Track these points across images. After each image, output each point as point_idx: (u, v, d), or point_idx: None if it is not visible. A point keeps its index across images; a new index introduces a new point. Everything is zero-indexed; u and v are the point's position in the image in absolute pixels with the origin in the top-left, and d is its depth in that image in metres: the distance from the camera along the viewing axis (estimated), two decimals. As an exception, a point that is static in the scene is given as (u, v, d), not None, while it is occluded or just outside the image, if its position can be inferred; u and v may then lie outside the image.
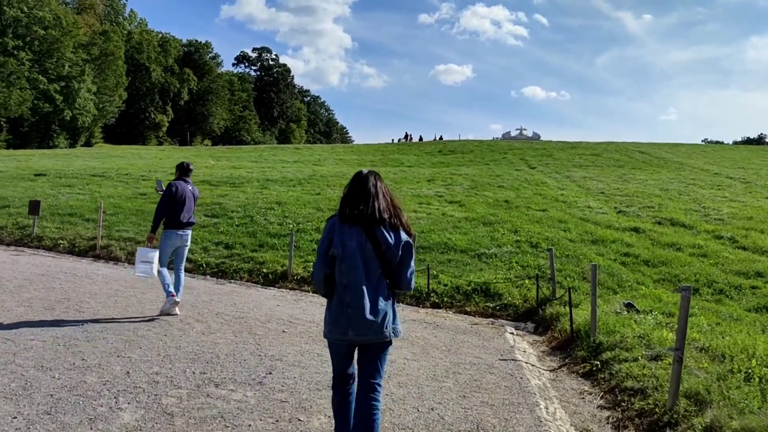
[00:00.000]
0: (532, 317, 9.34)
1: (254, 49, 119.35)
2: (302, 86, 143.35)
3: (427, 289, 10.33)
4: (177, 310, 7.30)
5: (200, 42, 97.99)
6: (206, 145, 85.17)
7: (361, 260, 3.41)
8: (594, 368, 6.30)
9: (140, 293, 8.69)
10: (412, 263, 3.59)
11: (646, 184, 25.01)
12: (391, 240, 3.47)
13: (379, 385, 3.60)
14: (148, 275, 7.28)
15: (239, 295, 9.15)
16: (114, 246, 13.36)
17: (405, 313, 8.98)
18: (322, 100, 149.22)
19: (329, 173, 27.04)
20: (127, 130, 77.56)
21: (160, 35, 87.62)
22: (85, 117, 61.84)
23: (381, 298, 3.47)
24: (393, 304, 3.59)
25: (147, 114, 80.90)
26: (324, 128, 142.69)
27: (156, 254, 7.35)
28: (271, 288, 10.91)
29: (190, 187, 7.61)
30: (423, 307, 9.93)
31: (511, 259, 12.20)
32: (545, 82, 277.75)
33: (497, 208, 17.85)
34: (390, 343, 3.62)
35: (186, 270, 11.89)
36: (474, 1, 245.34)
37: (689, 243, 14.00)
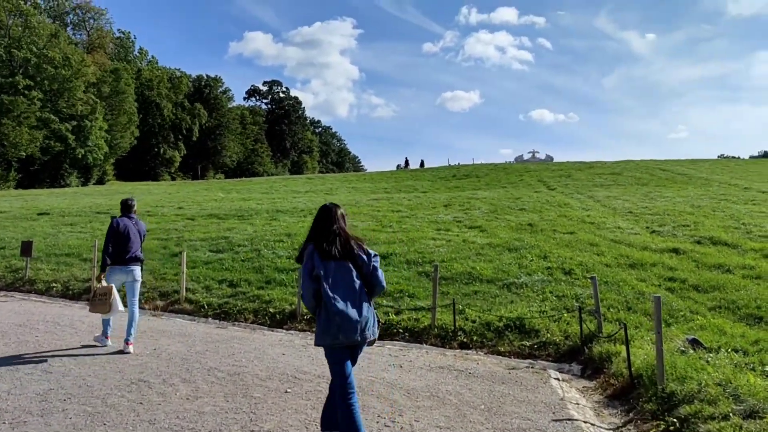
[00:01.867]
0: (577, 357, 8.10)
1: (265, 83, 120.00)
2: (313, 117, 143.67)
3: (453, 327, 9.13)
4: (131, 348, 7.22)
5: (210, 77, 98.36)
6: (219, 179, 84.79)
7: (342, 277, 4.08)
8: (671, 428, 5.07)
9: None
10: (380, 268, 4.35)
11: (675, 202, 23.68)
12: (364, 258, 4.23)
13: (353, 379, 4.22)
14: (117, 311, 7.36)
15: (240, 343, 8.01)
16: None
17: (431, 357, 7.80)
18: (333, 131, 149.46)
19: (342, 202, 25.98)
20: (139, 166, 77.36)
21: (170, 72, 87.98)
22: (97, 155, 61.63)
23: (364, 305, 4.10)
24: (372, 309, 4.21)
25: (159, 150, 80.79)
26: (336, 158, 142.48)
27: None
28: (279, 330, 9.78)
29: (132, 223, 7.66)
30: (450, 347, 8.74)
31: (544, 289, 10.98)
32: (553, 105, 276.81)
33: (521, 232, 16.65)
34: (368, 343, 4.24)
35: (187, 312, 10.98)
36: (477, 28, 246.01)
37: (738, 263, 12.69)
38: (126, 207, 7.83)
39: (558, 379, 7.06)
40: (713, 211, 20.64)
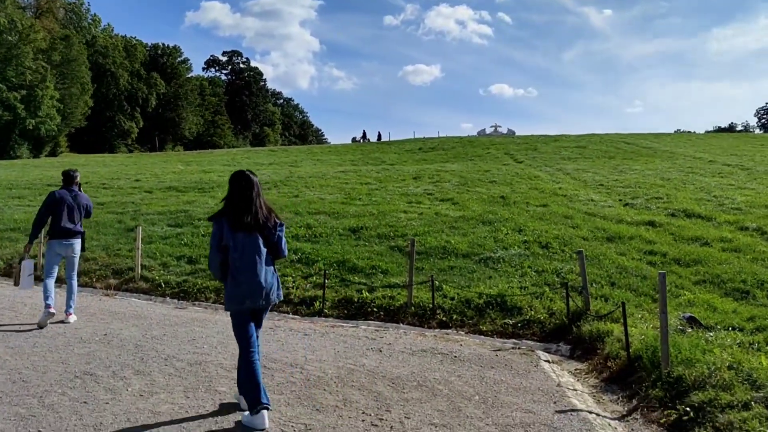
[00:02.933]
0: (565, 336, 7.63)
1: (224, 53, 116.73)
2: (275, 89, 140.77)
3: (432, 305, 8.57)
4: (72, 318, 7.26)
5: (168, 46, 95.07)
6: (178, 151, 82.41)
7: (250, 245, 4.23)
8: (684, 417, 4.59)
9: (73, 328, 6.81)
10: (284, 237, 4.47)
11: (645, 175, 23.54)
12: (271, 228, 4.34)
13: (258, 338, 4.44)
14: (30, 287, 7.46)
15: (202, 326, 7.30)
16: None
17: (410, 338, 7.22)
18: (295, 103, 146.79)
19: (307, 174, 25.17)
20: (95, 138, 74.50)
21: (125, 39, 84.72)
22: (50, 125, 59.03)
23: (269, 273, 4.32)
24: (276, 275, 4.44)
25: (115, 121, 77.96)
26: (299, 131, 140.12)
27: (33, 267, 7.46)
28: (244, 310, 9.08)
29: (72, 196, 7.42)
30: (429, 327, 8.19)
31: (522, 264, 10.50)
32: (513, 80, 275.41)
33: (494, 205, 16.17)
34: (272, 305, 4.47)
35: (143, 291, 10.18)
36: (438, 2, 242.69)
37: (716, 236, 12.43)
38: (68, 178, 7.57)
39: (548, 362, 6.56)
40: (683, 183, 20.52)
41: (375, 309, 8.81)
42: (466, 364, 6.03)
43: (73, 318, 7.26)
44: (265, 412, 4.08)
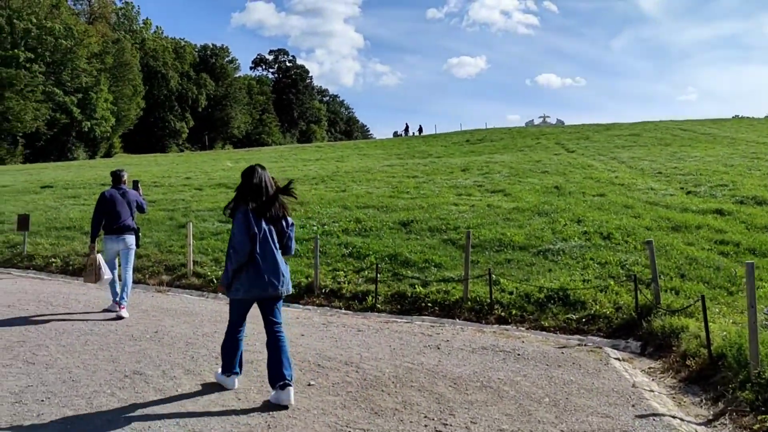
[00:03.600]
0: (634, 332, 7.15)
1: (271, 51, 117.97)
2: (320, 86, 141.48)
3: (489, 300, 8.19)
4: (125, 313, 7.40)
5: (216, 46, 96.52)
6: (227, 149, 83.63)
7: (270, 240, 4.54)
8: (782, 424, 4.11)
9: (125, 325, 6.70)
10: (294, 236, 4.80)
11: (705, 161, 22.47)
12: (285, 225, 4.69)
13: (281, 323, 4.68)
14: (107, 280, 7.55)
15: (253, 321, 7.08)
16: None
17: (468, 334, 6.87)
18: (341, 99, 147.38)
19: (353, 169, 24.97)
20: (147, 139, 76.22)
21: (175, 41, 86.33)
22: (104, 127, 60.66)
23: (283, 265, 4.62)
24: (287, 267, 4.71)
25: (166, 122, 79.60)
26: (345, 127, 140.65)
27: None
28: (295, 305, 8.90)
29: (120, 193, 7.79)
30: (487, 322, 7.81)
31: (583, 255, 10.00)
32: (560, 69, 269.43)
33: (548, 195, 15.61)
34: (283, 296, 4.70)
35: (195, 287, 10.12)
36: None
37: (791, 224, 11.63)
38: (116, 178, 7.98)
39: (619, 359, 6.13)
40: (748, 170, 19.47)
41: (429, 304, 8.48)
42: (531, 362, 5.65)
43: (125, 312, 7.41)
44: (236, 379, 4.61)
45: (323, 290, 9.30)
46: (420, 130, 65.08)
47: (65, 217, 15.23)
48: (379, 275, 9.13)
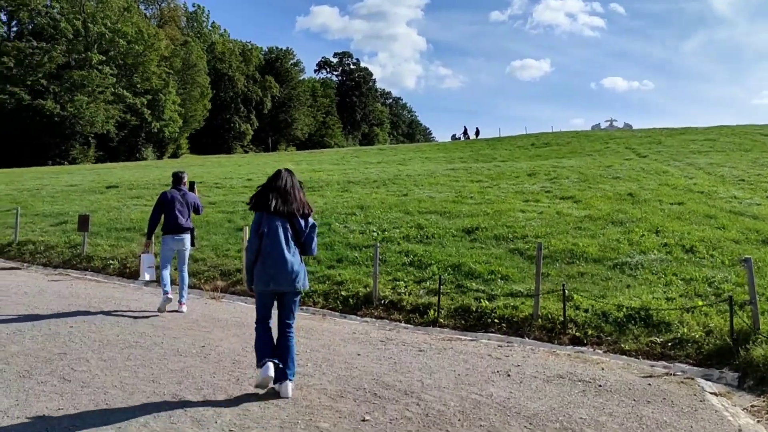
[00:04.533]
0: (728, 361, 6.33)
1: (335, 54, 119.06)
2: (384, 89, 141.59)
3: (563, 318, 7.51)
4: (184, 308, 7.96)
5: (281, 49, 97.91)
6: (290, 151, 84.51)
7: (282, 236, 4.76)
8: None
9: (171, 338, 6.37)
10: (315, 237, 5.00)
11: (793, 168, 20.88)
12: (302, 224, 4.88)
13: (292, 324, 4.90)
14: (152, 277, 8.21)
15: (307, 336, 6.67)
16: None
17: (540, 357, 6.23)
18: (404, 102, 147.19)
19: (416, 172, 24.43)
20: (213, 140, 77.89)
21: (242, 44, 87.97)
22: (172, 128, 62.25)
23: (296, 262, 4.83)
24: (303, 266, 4.95)
25: (232, 124, 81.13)
26: (407, 129, 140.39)
27: (154, 260, 8.35)
28: (352, 317, 8.44)
29: (180, 194, 8.12)
30: (559, 343, 7.14)
31: (665, 270, 9.16)
32: (627, 72, 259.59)
33: (622, 203, 14.66)
34: (300, 293, 4.97)
35: (251, 294, 9.79)
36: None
37: None
38: (177, 179, 8.31)
39: (715, 394, 5.37)
40: None
41: (496, 320, 7.86)
42: (615, 396, 4.97)
43: (185, 308, 7.94)
44: (269, 363, 4.59)
45: (382, 301, 8.80)
46: (477, 133, 63.80)
47: (126, 218, 15.30)
48: (441, 287, 8.57)
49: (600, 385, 5.25)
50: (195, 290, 9.95)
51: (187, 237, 8.14)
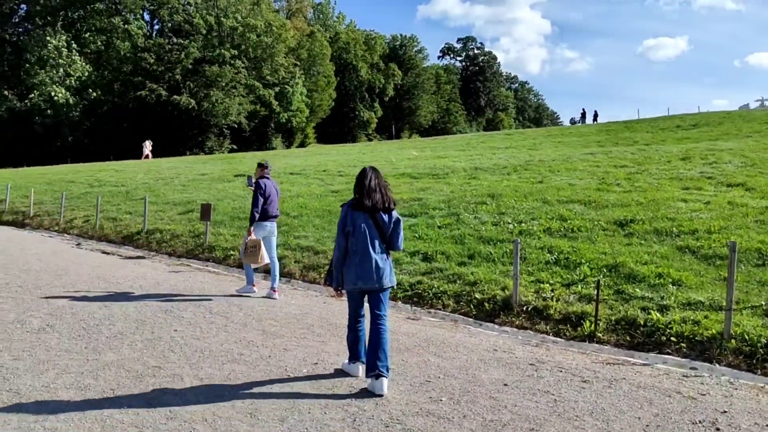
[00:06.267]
0: None
1: (459, 40, 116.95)
2: (509, 72, 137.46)
3: (766, 340, 5.82)
4: (278, 295, 8.21)
5: (405, 36, 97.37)
6: (413, 139, 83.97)
7: (367, 234, 4.78)
8: None
9: (282, 349, 5.45)
10: (401, 232, 5.01)
11: None
12: (386, 220, 4.88)
13: (384, 315, 4.88)
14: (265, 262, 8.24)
15: (436, 352, 5.53)
16: (288, 258, 10.62)
17: (744, 394, 4.69)
18: (530, 86, 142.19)
19: (549, 158, 22.54)
20: (338, 129, 78.83)
21: (366, 33, 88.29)
22: (299, 118, 63.49)
23: (381, 259, 4.83)
24: (389, 262, 4.94)
25: (356, 112, 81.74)
26: (534, 114, 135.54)
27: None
28: (488, 325, 7.21)
29: (272, 183, 8.50)
30: (764, 373, 5.49)
31: None
32: None
33: (809, 191, 12.24)
34: (388, 289, 4.95)
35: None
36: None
37: None
38: (264, 168, 8.69)
39: None
40: None
41: (672, 338, 6.30)
42: None
43: (278, 295, 8.23)
44: (360, 365, 4.86)
45: (524, 308, 7.47)
46: (595, 116, 59.57)
47: (248, 207, 14.91)
48: (599, 293, 7.10)
49: None
50: (316, 286, 9.14)
51: (275, 224, 8.66)
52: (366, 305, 5.00)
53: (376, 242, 4.79)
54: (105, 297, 7.66)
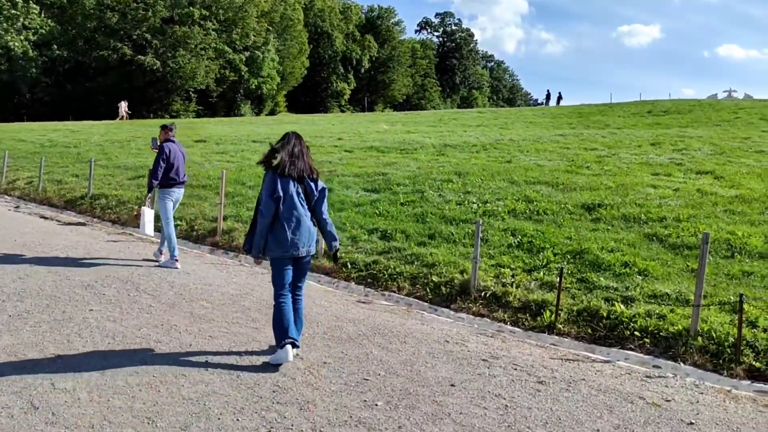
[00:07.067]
0: None
1: (437, 14, 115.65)
2: (486, 51, 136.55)
3: (734, 339, 5.45)
4: (179, 265, 7.75)
5: (383, 7, 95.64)
6: (386, 112, 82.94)
7: (297, 200, 4.68)
8: None
9: (207, 335, 4.88)
10: (326, 202, 4.93)
11: None
12: (313, 187, 4.82)
13: (302, 287, 4.93)
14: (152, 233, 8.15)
15: (385, 345, 5.02)
16: (239, 231, 10.02)
17: (711, 399, 4.29)
18: (506, 65, 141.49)
19: (520, 137, 22.13)
20: (310, 98, 77.42)
21: (342, 2, 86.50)
22: (270, 85, 62.00)
23: (310, 227, 4.77)
24: (315, 228, 4.86)
25: (329, 83, 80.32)
26: (508, 94, 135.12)
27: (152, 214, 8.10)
28: (443, 311, 6.76)
29: (178, 146, 8.07)
30: (730, 374, 5.14)
31: None
32: (745, 40, 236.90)
33: (778, 182, 12.01)
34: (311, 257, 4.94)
35: (324, 271, 8.35)
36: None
37: None
38: (168, 130, 8.17)
39: None
40: None
41: (636, 333, 5.91)
42: None
43: (179, 264, 7.80)
44: (289, 346, 4.51)
45: (483, 293, 7.01)
46: (559, 98, 59.25)
47: (204, 175, 14.20)
48: (561, 280, 6.66)
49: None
50: (266, 262, 8.57)
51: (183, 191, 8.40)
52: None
53: (306, 208, 4.72)
54: (24, 268, 6.95)
